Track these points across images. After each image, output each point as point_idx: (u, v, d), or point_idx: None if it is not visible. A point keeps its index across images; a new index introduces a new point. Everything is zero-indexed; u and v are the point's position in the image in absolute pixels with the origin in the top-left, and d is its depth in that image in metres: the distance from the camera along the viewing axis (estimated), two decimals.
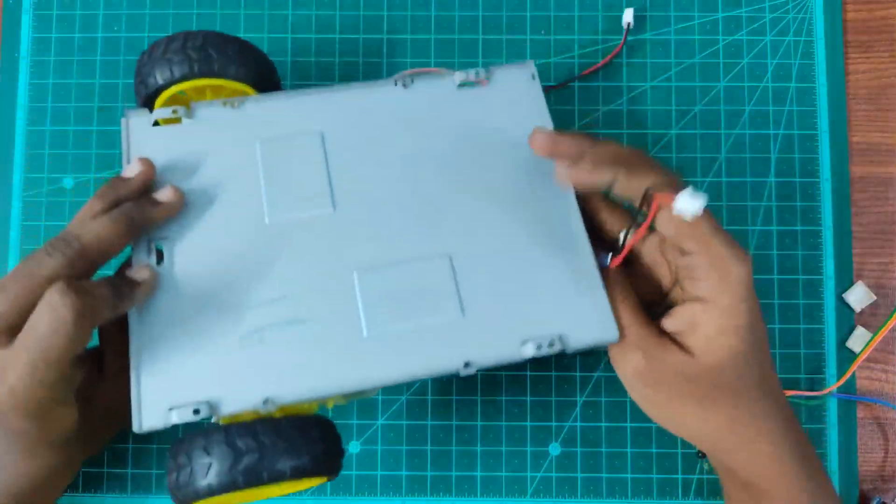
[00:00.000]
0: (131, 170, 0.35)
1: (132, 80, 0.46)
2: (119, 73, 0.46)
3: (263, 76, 0.40)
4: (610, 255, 0.36)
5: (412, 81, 0.38)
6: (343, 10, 0.47)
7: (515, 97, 0.39)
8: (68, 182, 0.46)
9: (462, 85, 0.38)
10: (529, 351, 0.34)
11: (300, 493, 0.43)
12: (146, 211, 0.34)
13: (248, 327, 0.33)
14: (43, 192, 0.46)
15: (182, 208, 0.35)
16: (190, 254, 0.34)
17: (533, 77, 0.39)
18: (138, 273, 0.33)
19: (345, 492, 0.44)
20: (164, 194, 0.34)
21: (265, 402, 0.32)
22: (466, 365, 0.33)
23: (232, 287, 0.34)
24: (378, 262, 0.35)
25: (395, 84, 0.38)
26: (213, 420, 0.33)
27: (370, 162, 0.37)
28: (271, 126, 0.37)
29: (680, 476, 0.44)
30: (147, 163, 0.35)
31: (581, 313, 0.34)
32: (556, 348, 0.34)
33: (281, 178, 0.36)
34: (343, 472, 0.44)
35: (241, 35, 0.47)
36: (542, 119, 0.38)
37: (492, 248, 0.35)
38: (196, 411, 0.32)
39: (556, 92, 0.47)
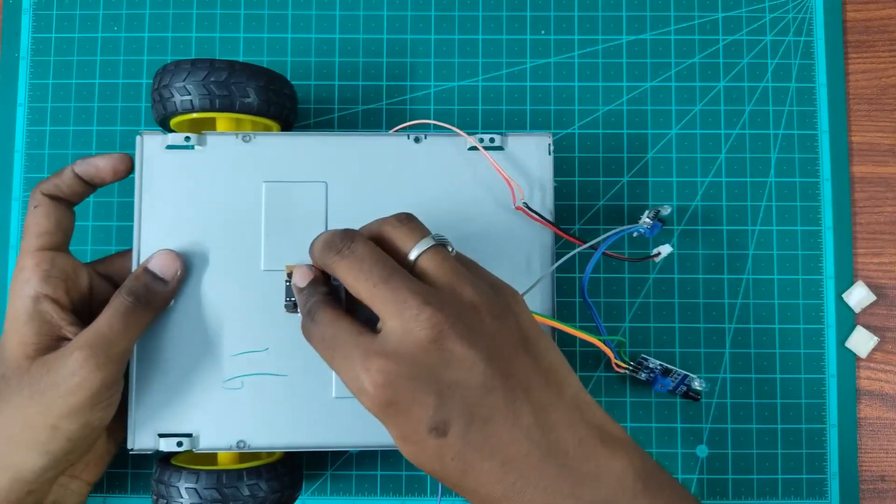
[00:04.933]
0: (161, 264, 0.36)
1: (132, 81, 0.46)
2: (119, 73, 0.46)
3: (284, 109, 0.40)
4: None
5: (425, 137, 0.38)
6: (343, 10, 0.47)
7: (525, 168, 0.38)
8: None
9: (472, 149, 0.38)
10: None
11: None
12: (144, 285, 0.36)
13: (232, 372, 0.36)
14: None
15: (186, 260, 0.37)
16: (190, 291, 0.37)
17: (549, 150, 0.39)
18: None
19: (345, 492, 0.44)
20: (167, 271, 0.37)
21: (239, 443, 0.36)
22: None
23: (223, 330, 0.37)
24: None
25: (408, 138, 0.38)
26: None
27: (368, 219, 0.37)
28: (280, 166, 0.38)
29: (680, 476, 0.44)
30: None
31: None
32: None
33: (281, 226, 0.37)
34: (343, 472, 0.44)
35: (241, 34, 0.47)
36: (544, 194, 0.38)
37: None
38: (179, 444, 0.36)
39: (557, 91, 0.47)
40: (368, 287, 0.29)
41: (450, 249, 0.31)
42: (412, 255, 0.30)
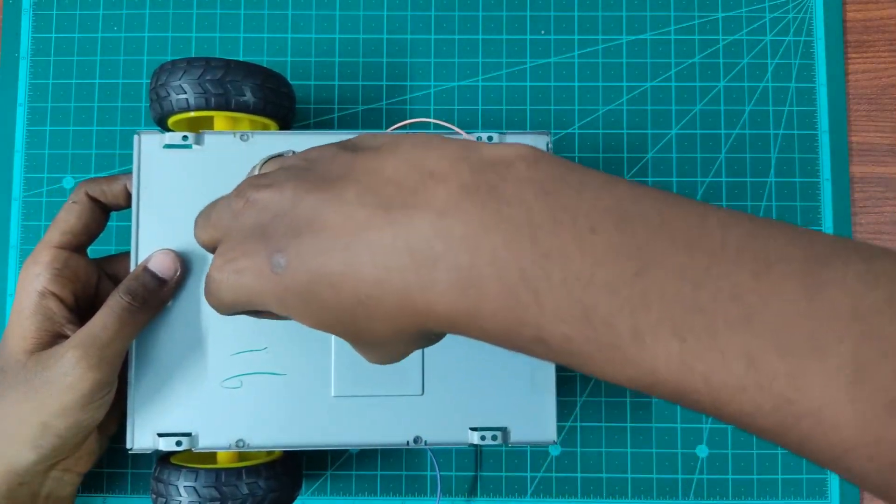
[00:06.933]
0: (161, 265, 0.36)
1: (132, 81, 0.46)
2: (119, 73, 0.46)
3: (282, 108, 0.40)
4: None
5: None
6: (343, 10, 0.47)
7: None
8: (68, 182, 0.46)
9: None
10: (475, 439, 0.36)
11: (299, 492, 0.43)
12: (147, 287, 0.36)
13: (231, 372, 0.36)
14: (43, 192, 0.46)
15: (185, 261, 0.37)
16: (188, 291, 0.37)
17: (547, 149, 0.38)
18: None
19: (345, 492, 0.44)
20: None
21: (238, 442, 0.36)
22: (416, 440, 0.37)
23: (222, 329, 0.37)
24: None
25: None
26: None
27: None
28: None
29: (680, 476, 0.44)
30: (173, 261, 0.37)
31: (528, 412, 0.37)
32: (499, 441, 0.36)
33: None
34: (343, 472, 0.44)
35: (241, 34, 0.47)
36: None
37: None
38: (178, 443, 0.36)
39: (557, 92, 0.47)
40: (200, 227, 0.28)
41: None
42: (254, 174, 0.29)
